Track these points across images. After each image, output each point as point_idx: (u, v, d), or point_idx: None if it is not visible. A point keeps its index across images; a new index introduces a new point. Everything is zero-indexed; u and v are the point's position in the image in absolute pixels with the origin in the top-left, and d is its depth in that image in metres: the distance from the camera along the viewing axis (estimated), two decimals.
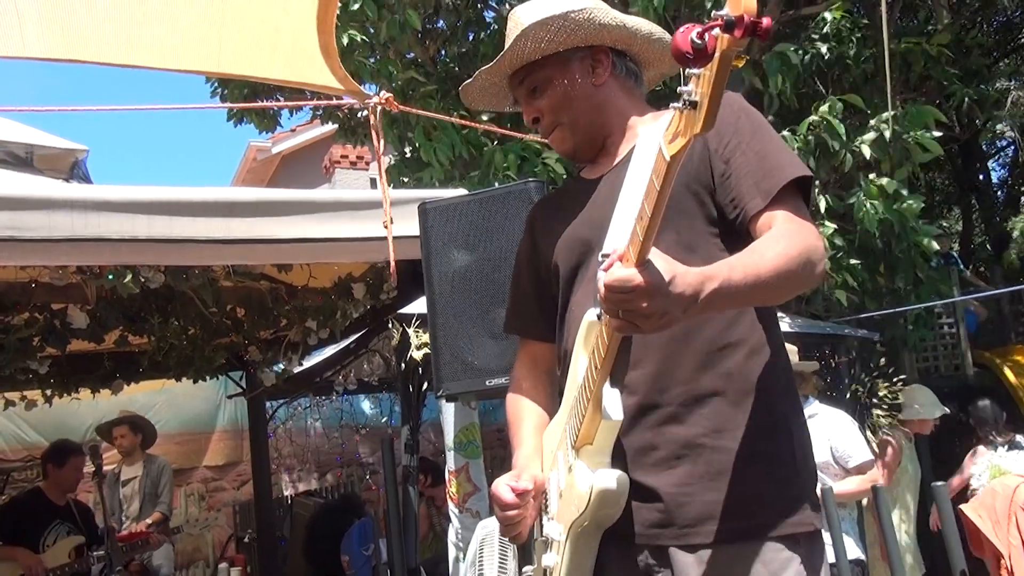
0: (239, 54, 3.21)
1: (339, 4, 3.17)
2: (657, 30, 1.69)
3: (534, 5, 1.67)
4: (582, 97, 1.64)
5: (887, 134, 5.44)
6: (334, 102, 4.81)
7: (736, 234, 1.51)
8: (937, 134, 5.76)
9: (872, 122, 5.64)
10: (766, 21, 1.06)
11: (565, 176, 5.99)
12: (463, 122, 5.35)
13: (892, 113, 5.44)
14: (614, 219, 1.50)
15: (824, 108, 5.50)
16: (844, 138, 5.42)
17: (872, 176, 5.64)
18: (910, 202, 5.55)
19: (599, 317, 1.40)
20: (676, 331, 1.39)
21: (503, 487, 1.58)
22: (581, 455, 1.46)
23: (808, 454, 1.54)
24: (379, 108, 3.30)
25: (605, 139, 1.68)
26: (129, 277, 3.56)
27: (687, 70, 1.11)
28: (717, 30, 1.06)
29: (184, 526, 5.73)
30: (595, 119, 1.65)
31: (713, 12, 1.08)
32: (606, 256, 1.42)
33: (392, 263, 3.04)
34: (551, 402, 1.76)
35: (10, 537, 4.76)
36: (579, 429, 1.45)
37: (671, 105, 1.17)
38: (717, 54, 1.07)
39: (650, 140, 1.54)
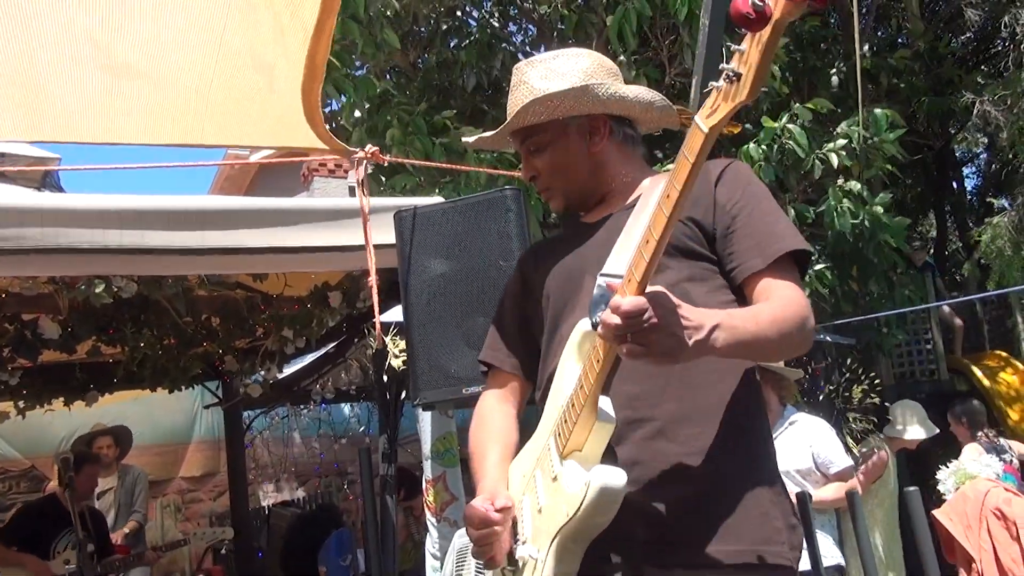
0: (223, 128, 3.21)
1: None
2: (657, 98, 1.73)
3: (543, 68, 1.72)
4: (576, 164, 1.70)
5: (854, 138, 5.49)
6: (317, 158, 4.79)
7: (731, 279, 1.56)
8: (899, 132, 5.80)
9: (838, 129, 5.69)
10: None
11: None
12: (445, 165, 5.36)
13: (857, 118, 5.50)
14: (616, 247, 1.52)
15: (786, 117, 5.54)
16: (808, 147, 5.46)
17: (840, 181, 5.69)
18: (879, 205, 5.60)
19: (595, 327, 1.39)
20: None
21: (479, 506, 1.55)
22: (568, 460, 1.43)
23: (783, 485, 1.56)
24: (364, 162, 3.29)
25: (602, 195, 1.73)
26: (101, 287, 3.53)
27: (732, 48, 1.14)
28: None
29: (192, 538, 5.65)
30: (588, 182, 1.72)
31: None
32: (606, 275, 1.45)
33: (374, 282, 3.03)
34: (516, 438, 1.75)
35: (24, 543, 4.73)
36: (569, 435, 1.41)
37: (710, 84, 1.20)
38: (772, 20, 1.09)
39: (656, 190, 1.57)
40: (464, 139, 1.90)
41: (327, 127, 3.37)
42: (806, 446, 3.97)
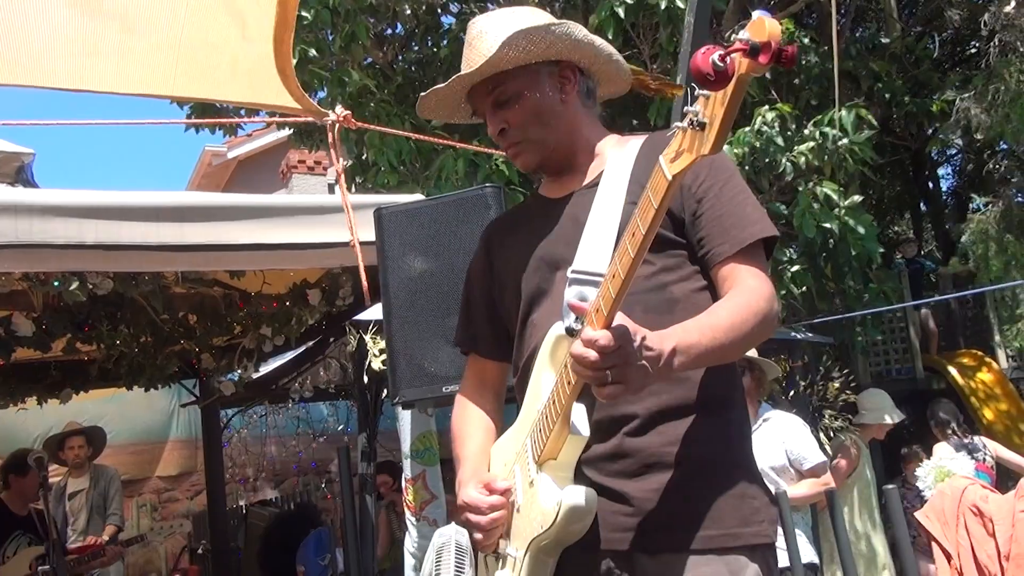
0: (195, 78, 3.16)
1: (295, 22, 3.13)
2: (615, 52, 1.69)
3: (500, 17, 1.65)
4: (550, 113, 1.62)
5: (826, 137, 5.51)
6: (291, 119, 4.76)
7: (702, 264, 1.55)
8: (871, 132, 5.82)
9: (807, 130, 5.70)
10: (791, 49, 1.07)
11: (517, 179, 5.99)
12: (417, 136, 5.34)
13: (826, 117, 5.52)
14: (584, 238, 1.50)
15: (759, 120, 5.56)
16: (782, 146, 5.48)
17: (810, 184, 5.70)
18: (848, 208, 5.62)
19: (568, 332, 1.39)
20: None
21: (476, 493, 1.54)
22: (544, 469, 1.45)
23: (756, 464, 1.58)
24: (336, 125, 3.27)
25: (570, 158, 1.67)
26: (76, 284, 3.48)
27: (697, 92, 1.12)
28: (739, 54, 1.06)
29: (148, 534, 5.58)
30: (561, 137, 1.64)
31: (732, 36, 1.08)
32: (577, 272, 1.45)
33: (364, 279, 3.01)
34: (498, 422, 1.75)
35: None
36: (544, 444, 1.43)
37: (673, 124, 1.18)
38: (735, 77, 1.08)
39: (620, 164, 1.56)
40: (420, 108, 1.76)
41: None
42: (779, 443, 4.00)
